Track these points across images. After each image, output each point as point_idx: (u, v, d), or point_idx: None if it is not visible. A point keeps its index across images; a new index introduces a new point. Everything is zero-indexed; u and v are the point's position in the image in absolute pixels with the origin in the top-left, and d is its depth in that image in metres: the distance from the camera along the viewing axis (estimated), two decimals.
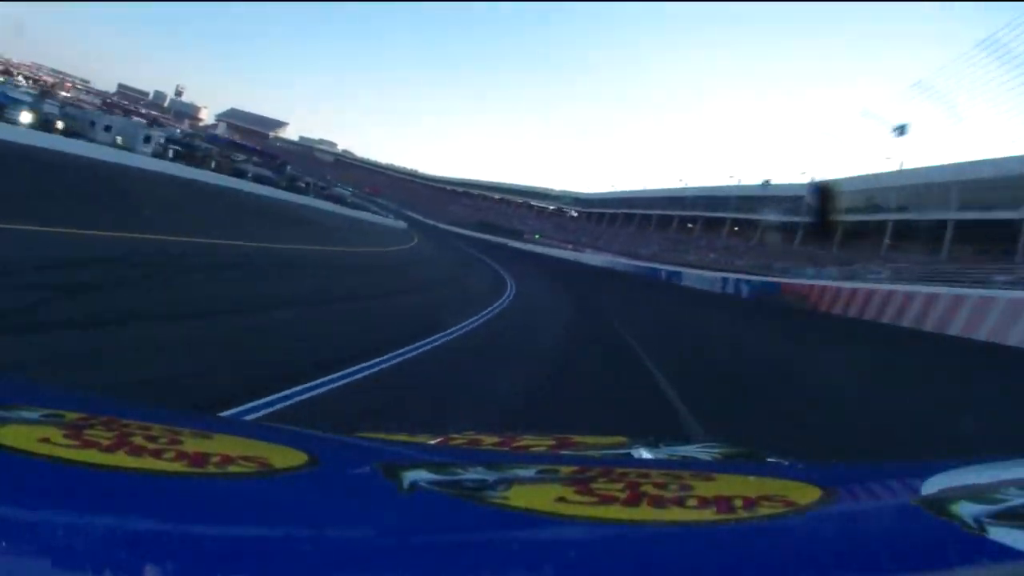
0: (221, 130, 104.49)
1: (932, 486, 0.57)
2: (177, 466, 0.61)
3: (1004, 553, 0.42)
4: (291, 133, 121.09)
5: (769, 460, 1.07)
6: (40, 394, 0.97)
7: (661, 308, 20.51)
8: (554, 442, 1.14)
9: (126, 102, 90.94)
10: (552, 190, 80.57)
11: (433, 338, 7.14)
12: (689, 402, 5.70)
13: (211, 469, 0.60)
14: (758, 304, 24.23)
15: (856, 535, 0.49)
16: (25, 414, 0.77)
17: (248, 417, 3.46)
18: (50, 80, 74.38)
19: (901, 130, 28.19)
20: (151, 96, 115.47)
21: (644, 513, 0.52)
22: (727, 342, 12.49)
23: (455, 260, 28.30)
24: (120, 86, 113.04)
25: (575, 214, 72.93)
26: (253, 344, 5.51)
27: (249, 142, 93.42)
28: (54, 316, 4.76)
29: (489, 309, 11.41)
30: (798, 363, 10.10)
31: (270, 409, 3.71)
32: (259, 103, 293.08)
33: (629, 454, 1.08)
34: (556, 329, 11.19)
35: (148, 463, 0.60)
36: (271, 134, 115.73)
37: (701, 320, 17.98)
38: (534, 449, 1.12)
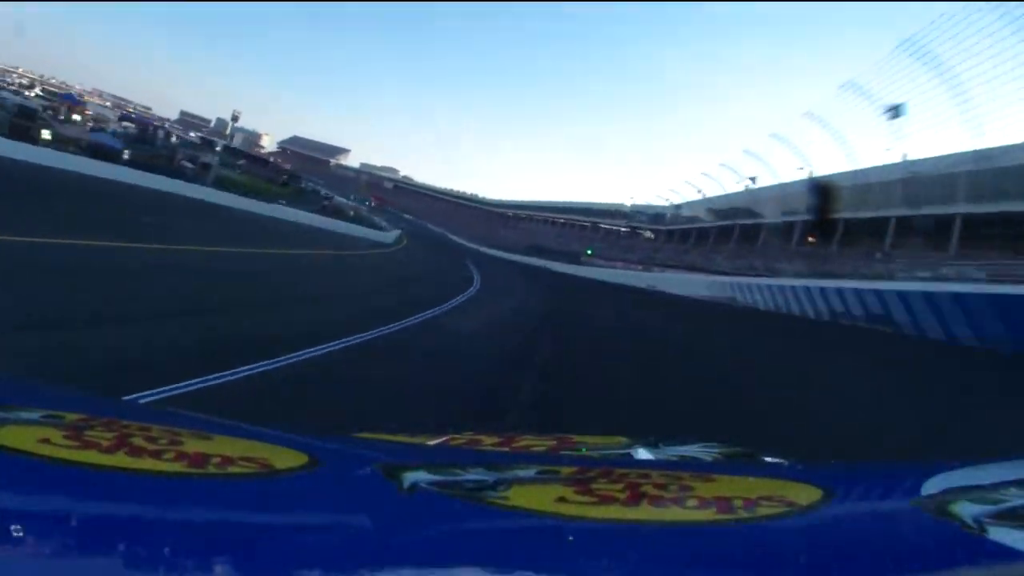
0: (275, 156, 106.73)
1: (932, 486, 0.57)
2: (177, 467, 0.61)
3: (1004, 553, 0.42)
4: (353, 160, 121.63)
5: (769, 460, 1.07)
6: (40, 394, 0.97)
7: None
8: (554, 442, 1.14)
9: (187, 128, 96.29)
10: (623, 206, 71.52)
11: None
12: None
13: (211, 470, 0.60)
14: None
15: (856, 535, 0.49)
16: (25, 414, 0.77)
17: None
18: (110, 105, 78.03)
19: (895, 111, 26.40)
20: (213, 123, 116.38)
21: (644, 513, 0.52)
22: None
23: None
24: (182, 113, 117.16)
25: (651, 235, 61.06)
26: None
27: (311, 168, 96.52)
28: None
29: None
30: None
31: None
32: (323, 130, 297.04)
33: (629, 454, 1.08)
34: None
35: (148, 464, 0.60)
36: (332, 161, 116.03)
37: None
38: (534, 449, 1.12)
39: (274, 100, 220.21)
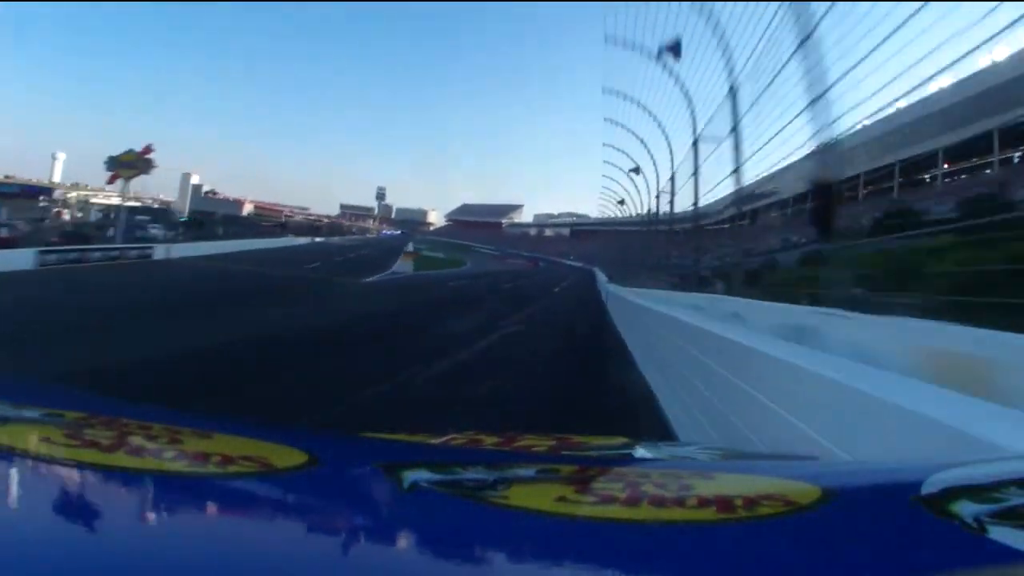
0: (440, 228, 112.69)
1: (932, 485, 0.57)
2: (177, 466, 0.61)
3: (1004, 553, 0.42)
4: (526, 214, 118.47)
5: (769, 460, 1.07)
6: (41, 394, 0.97)
7: None
8: (554, 442, 1.14)
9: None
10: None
11: None
12: None
13: (211, 469, 0.60)
14: None
15: (856, 535, 0.49)
16: (26, 413, 0.77)
17: None
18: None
19: None
20: (376, 210, 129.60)
21: (644, 513, 0.52)
22: None
23: None
24: (342, 206, 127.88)
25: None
26: None
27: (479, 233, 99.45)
28: None
29: None
30: None
31: None
32: (493, 192, 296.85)
33: (629, 454, 1.08)
34: None
35: (148, 463, 0.60)
36: (504, 221, 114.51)
37: None
38: (534, 449, 1.12)
39: (442, 174, 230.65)
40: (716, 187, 14.29)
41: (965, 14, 5.28)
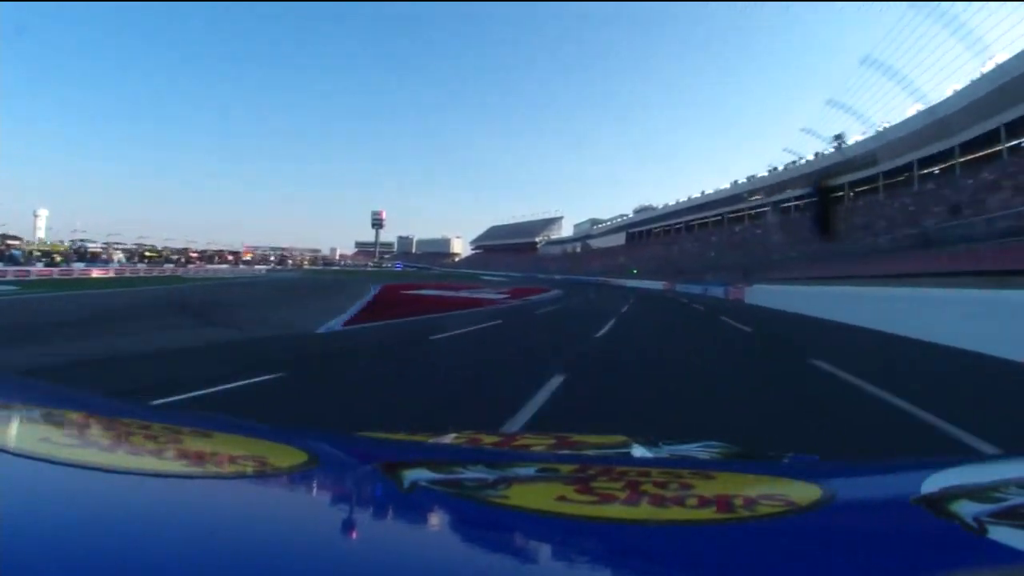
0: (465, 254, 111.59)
1: (932, 485, 0.57)
2: (177, 466, 0.61)
3: (1004, 553, 0.42)
4: (567, 227, 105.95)
5: (769, 459, 1.07)
6: (41, 394, 0.97)
7: None
8: (554, 441, 1.14)
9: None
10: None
11: None
12: None
13: (211, 468, 0.60)
14: None
15: (856, 535, 0.49)
16: (26, 413, 0.77)
17: None
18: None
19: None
20: (396, 246, 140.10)
21: (644, 512, 0.52)
22: None
23: None
24: (357, 243, 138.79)
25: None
26: None
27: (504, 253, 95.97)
28: None
29: None
30: None
31: None
32: (529, 206, 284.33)
33: (629, 453, 1.08)
34: None
35: (148, 463, 0.60)
36: (538, 239, 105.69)
37: None
38: (534, 448, 1.12)
39: (468, 197, 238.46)
40: None
41: None
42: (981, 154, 27.37)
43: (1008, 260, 13.11)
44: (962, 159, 28.55)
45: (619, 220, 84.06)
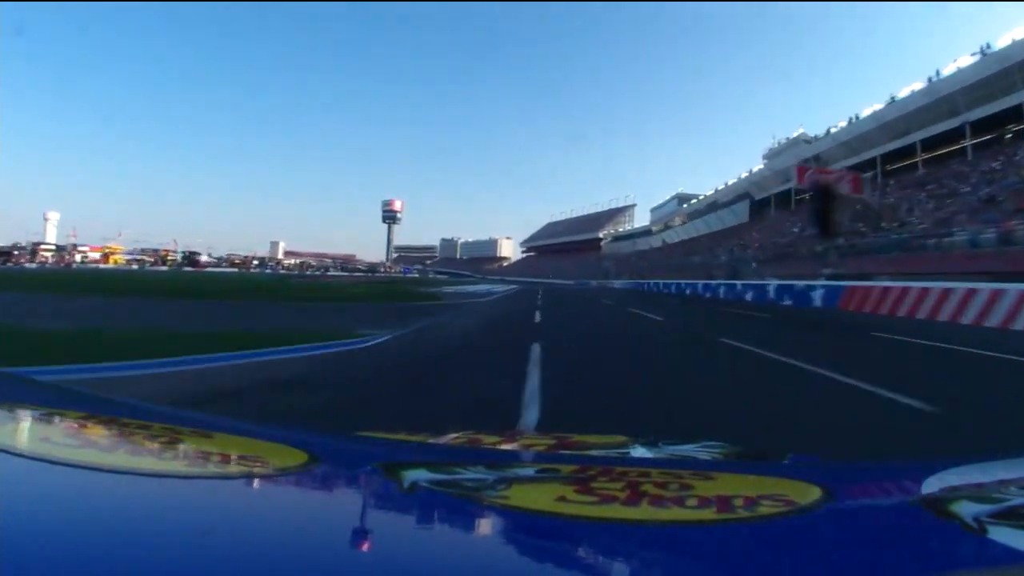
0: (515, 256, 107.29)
1: (932, 486, 0.57)
2: (177, 466, 0.61)
3: (1004, 553, 0.42)
4: (641, 214, 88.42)
5: (769, 459, 1.07)
6: (41, 394, 0.97)
7: None
8: (554, 442, 1.14)
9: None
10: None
11: None
12: None
13: (211, 469, 0.60)
14: None
15: (856, 535, 0.49)
16: (26, 413, 0.77)
17: None
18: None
19: None
20: (438, 249, 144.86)
21: (644, 513, 0.52)
22: None
23: None
24: (398, 248, 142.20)
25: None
26: None
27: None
28: None
29: None
30: None
31: None
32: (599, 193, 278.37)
33: (629, 453, 1.08)
34: None
35: (148, 463, 0.60)
36: (602, 234, 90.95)
37: None
38: (534, 449, 1.12)
39: (519, 193, 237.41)
40: None
41: None
42: None
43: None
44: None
45: (725, 194, 51.05)
